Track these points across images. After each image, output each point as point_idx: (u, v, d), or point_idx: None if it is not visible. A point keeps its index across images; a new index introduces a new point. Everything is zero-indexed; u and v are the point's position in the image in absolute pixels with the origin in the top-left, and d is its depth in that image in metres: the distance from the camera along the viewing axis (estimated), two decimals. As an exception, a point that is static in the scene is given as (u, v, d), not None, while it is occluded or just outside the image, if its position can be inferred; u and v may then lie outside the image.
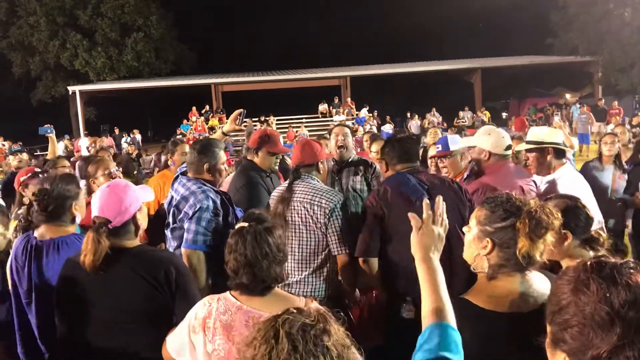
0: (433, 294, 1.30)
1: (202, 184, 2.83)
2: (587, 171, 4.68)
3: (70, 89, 26.22)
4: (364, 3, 43.87)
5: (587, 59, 24.74)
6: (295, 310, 1.09)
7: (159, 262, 1.98)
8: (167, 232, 2.96)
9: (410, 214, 1.48)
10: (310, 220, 2.67)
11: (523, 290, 1.48)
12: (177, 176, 3.01)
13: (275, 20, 42.60)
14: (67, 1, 30.89)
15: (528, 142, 3.14)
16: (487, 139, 2.96)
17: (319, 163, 2.91)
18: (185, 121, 24.30)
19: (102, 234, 1.90)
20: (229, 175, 3.77)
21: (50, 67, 31.54)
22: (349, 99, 25.58)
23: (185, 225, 2.74)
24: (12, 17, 30.74)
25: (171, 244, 2.92)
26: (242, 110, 3.40)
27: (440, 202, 1.47)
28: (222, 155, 2.96)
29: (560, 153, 3.07)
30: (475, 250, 1.55)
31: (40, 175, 3.57)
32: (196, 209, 2.70)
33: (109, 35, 31.35)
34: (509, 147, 2.98)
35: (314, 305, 1.51)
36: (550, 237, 1.46)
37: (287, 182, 2.89)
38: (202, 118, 24.19)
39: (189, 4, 39.26)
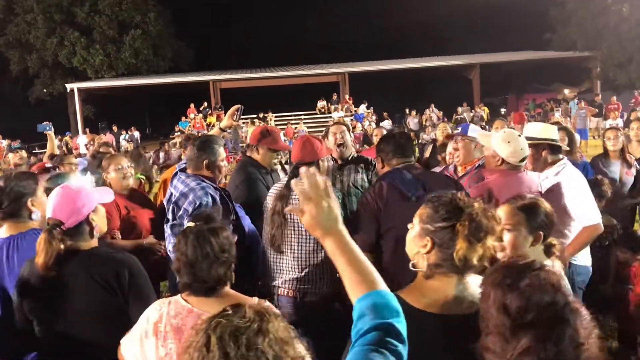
0: (349, 266, 1.18)
1: (202, 180, 2.82)
2: (595, 167, 4.62)
3: (69, 86, 26.12)
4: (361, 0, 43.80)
5: (586, 55, 24.71)
6: (230, 311, 1.05)
7: (111, 265, 1.98)
8: (167, 229, 2.95)
9: (288, 208, 1.55)
10: (309, 218, 2.66)
11: (457, 294, 1.45)
12: (176, 173, 3.01)
13: (272, 17, 42.51)
14: (65, -2, 30.81)
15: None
16: (505, 147, 2.87)
17: (319, 161, 2.87)
18: (183, 118, 24.23)
19: (56, 235, 1.92)
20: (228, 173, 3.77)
21: (48, 65, 31.43)
22: (347, 96, 25.54)
23: (185, 223, 2.75)
24: (9, 15, 30.61)
25: (170, 241, 2.92)
26: (239, 106, 3.41)
27: (306, 171, 1.26)
28: (222, 152, 2.96)
29: (555, 149, 3.08)
30: (416, 247, 1.53)
31: (51, 171, 3.63)
32: (195, 206, 2.70)
33: (106, 32, 31.25)
34: (524, 159, 2.92)
35: (256, 302, 1.48)
36: (490, 241, 1.43)
37: (286, 179, 2.87)
38: (200, 115, 24.12)
39: (186, 1, 39.14)
